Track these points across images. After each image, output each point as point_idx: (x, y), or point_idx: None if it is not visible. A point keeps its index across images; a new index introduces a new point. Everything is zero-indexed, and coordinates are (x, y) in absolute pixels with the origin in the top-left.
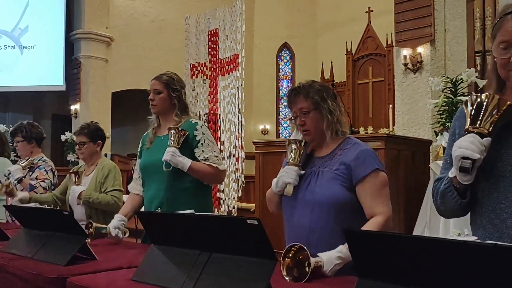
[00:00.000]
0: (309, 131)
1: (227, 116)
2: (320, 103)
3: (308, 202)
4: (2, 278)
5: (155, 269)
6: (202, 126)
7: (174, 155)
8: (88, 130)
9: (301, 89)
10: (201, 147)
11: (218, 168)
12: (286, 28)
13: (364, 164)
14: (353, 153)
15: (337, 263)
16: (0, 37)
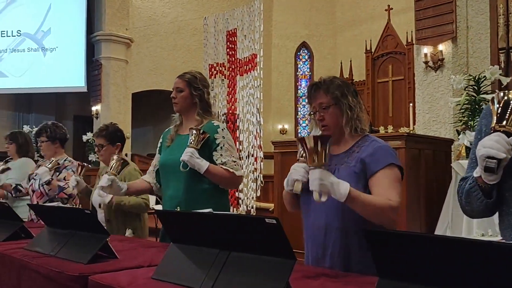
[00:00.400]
0: (328, 127)
1: (245, 116)
2: (340, 99)
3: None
4: (26, 275)
5: (175, 267)
6: (223, 130)
7: (192, 156)
8: (107, 132)
9: (321, 84)
10: (220, 151)
11: (235, 173)
12: (305, 27)
13: (380, 159)
14: (370, 149)
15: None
16: (24, 39)
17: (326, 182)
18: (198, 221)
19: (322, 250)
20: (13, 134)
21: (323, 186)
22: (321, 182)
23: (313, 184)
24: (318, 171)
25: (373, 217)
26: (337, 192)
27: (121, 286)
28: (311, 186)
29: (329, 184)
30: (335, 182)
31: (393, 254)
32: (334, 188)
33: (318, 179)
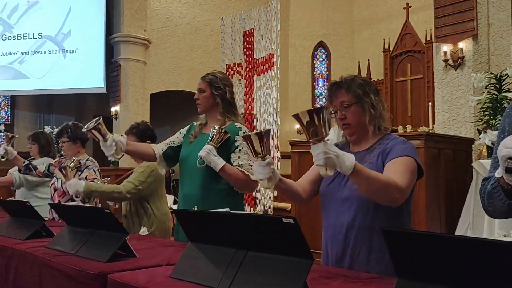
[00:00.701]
0: (350, 125)
1: (262, 116)
2: (362, 97)
3: (346, 199)
4: (47, 273)
5: (193, 266)
6: (244, 133)
7: (209, 153)
8: (137, 130)
9: (342, 83)
10: (238, 153)
11: (250, 177)
12: (322, 26)
13: (397, 151)
14: (391, 143)
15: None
16: (45, 42)
17: (331, 154)
18: (216, 220)
19: (342, 250)
20: (35, 134)
21: (329, 159)
22: (326, 156)
23: (317, 158)
24: (321, 145)
25: (377, 194)
26: (342, 165)
27: (139, 284)
28: (316, 161)
29: (334, 156)
30: (340, 153)
31: (412, 254)
32: (340, 160)
33: (322, 153)
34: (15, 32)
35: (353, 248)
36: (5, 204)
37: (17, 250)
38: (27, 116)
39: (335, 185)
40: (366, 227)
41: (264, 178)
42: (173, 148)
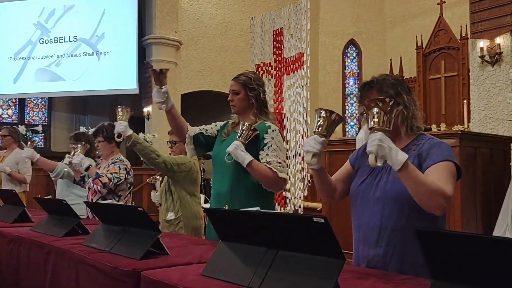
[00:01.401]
0: None
1: (292, 115)
2: (395, 97)
3: (379, 199)
4: (83, 269)
5: (224, 265)
6: (274, 131)
7: (237, 148)
8: None
9: (374, 83)
10: (266, 150)
11: (278, 174)
12: (353, 24)
13: (436, 154)
14: (427, 145)
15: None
16: (80, 44)
17: (385, 145)
18: (246, 219)
19: (374, 250)
20: (77, 135)
21: (381, 148)
22: (380, 144)
23: (371, 144)
24: (380, 134)
25: (423, 197)
26: (393, 158)
27: (172, 282)
28: (369, 146)
29: (387, 148)
30: (394, 147)
31: (446, 255)
32: (392, 153)
33: (378, 140)
34: (52, 35)
35: (386, 249)
36: (43, 203)
37: (55, 247)
38: (63, 117)
39: (367, 185)
40: (400, 228)
41: (311, 152)
42: (203, 135)
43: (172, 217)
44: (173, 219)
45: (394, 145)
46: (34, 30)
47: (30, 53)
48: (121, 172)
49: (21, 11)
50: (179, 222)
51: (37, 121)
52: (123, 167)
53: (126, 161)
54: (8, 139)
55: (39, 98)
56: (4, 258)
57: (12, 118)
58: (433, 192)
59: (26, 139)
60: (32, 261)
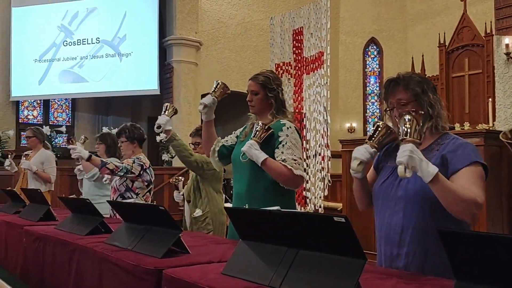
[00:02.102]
0: None
1: (312, 115)
2: (420, 95)
3: (400, 198)
4: (106, 267)
5: (244, 264)
6: (288, 128)
7: (251, 147)
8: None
9: (400, 80)
10: (281, 148)
11: (293, 171)
12: (373, 22)
13: (463, 156)
14: (452, 146)
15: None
16: (102, 46)
17: (416, 156)
18: (267, 218)
19: (397, 250)
20: (103, 135)
21: (412, 159)
22: (411, 155)
23: (402, 155)
24: (411, 145)
25: (455, 207)
26: (424, 170)
27: (193, 280)
28: (399, 157)
29: (418, 159)
30: (424, 159)
31: (470, 255)
32: (423, 165)
33: (409, 151)
34: (75, 38)
35: (408, 249)
36: (67, 202)
37: (79, 245)
38: (86, 118)
39: (389, 184)
40: (422, 228)
41: (360, 159)
42: (225, 147)
43: (199, 214)
44: (200, 215)
45: (424, 158)
46: (58, 32)
47: (54, 55)
48: (134, 166)
49: (45, 14)
50: (205, 218)
51: (61, 121)
52: (139, 162)
53: (145, 159)
54: (33, 140)
55: (63, 99)
56: (31, 255)
57: (37, 119)
58: (464, 202)
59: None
60: (57, 259)
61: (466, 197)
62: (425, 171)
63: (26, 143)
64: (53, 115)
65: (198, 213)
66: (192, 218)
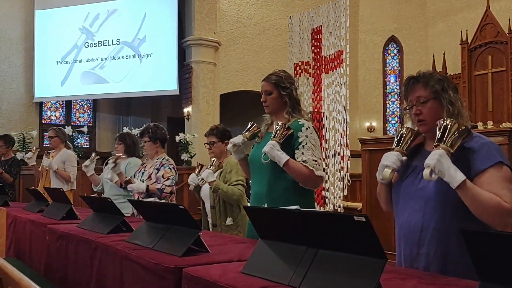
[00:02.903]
0: (425, 121)
1: (331, 114)
2: (440, 93)
3: (420, 198)
4: (127, 265)
5: (263, 263)
6: (307, 129)
7: (273, 148)
8: (217, 130)
9: (420, 77)
10: (301, 149)
11: (314, 172)
12: (393, 20)
13: (486, 157)
14: (473, 145)
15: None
16: (123, 47)
17: (444, 162)
18: (286, 217)
19: (416, 249)
20: (122, 135)
21: (440, 164)
22: (440, 159)
23: (430, 158)
24: (442, 151)
25: (484, 215)
26: (452, 176)
27: (213, 279)
28: (428, 159)
29: (446, 165)
30: (452, 166)
31: (494, 256)
32: (451, 171)
33: (439, 155)
34: (96, 39)
35: (428, 248)
36: (89, 201)
37: (101, 243)
38: (107, 118)
39: (409, 183)
40: (442, 228)
41: (392, 167)
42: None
43: (231, 222)
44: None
45: (453, 166)
46: (80, 34)
47: (76, 57)
48: (173, 172)
49: (67, 17)
50: (237, 227)
51: (83, 122)
52: (171, 166)
53: (171, 159)
54: (55, 139)
55: (85, 100)
56: (54, 253)
57: (60, 120)
58: (493, 208)
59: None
60: (79, 257)
61: (495, 204)
62: (452, 177)
63: (49, 143)
64: (75, 116)
65: (229, 222)
66: (223, 225)
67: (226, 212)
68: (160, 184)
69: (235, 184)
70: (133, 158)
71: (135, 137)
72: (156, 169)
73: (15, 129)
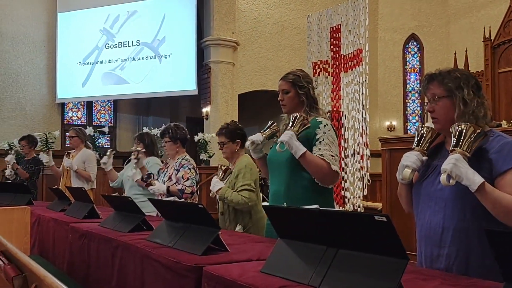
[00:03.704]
0: (437, 119)
1: (350, 113)
2: (453, 91)
3: (440, 198)
4: (148, 263)
5: (283, 262)
6: (325, 126)
7: (292, 138)
8: (227, 130)
9: (436, 75)
10: (318, 145)
11: (331, 166)
12: (413, 18)
13: (509, 157)
14: (495, 145)
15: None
16: (142, 48)
17: (461, 165)
18: (306, 217)
19: (437, 250)
20: (141, 135)
21: (457, 168)
22: (456, 163)
23: (447, 162)
24: (458, 155)
25: (506, 219)
26: (470, 179)
27: (232, 277)
28: (444, 164)
29: (463, 168)
30: (470, 169)
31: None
32: (469, 175)
33: (455, 160)
34: (116, 40)
35: (449, 249)
36: (110, 200)
37: (122, 241)
38: (128, 118)
39: (429, 183)
40: (464, 228)
41: (412, 167)
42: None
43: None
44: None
45: (471, 169)
46: (100, 36)
47: (97, 58)
48: (193, 172)
49: (88, 18)
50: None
51: (104, 122)
52: (191, 166)
53: (191, 159)
54: (76, 139)
55: (106, 101)
56: (76, 251)
57: (81, 120)
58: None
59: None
60: (101, 255)
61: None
62: (471, 180)
63: (69, 142)
64: (96, 116)
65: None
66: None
67: (236, 219)
68: (181, 185)
69: (240, 190)
70: (152, 157)
71: (154, 137)
72: (176, 170)
73: (38, 129)
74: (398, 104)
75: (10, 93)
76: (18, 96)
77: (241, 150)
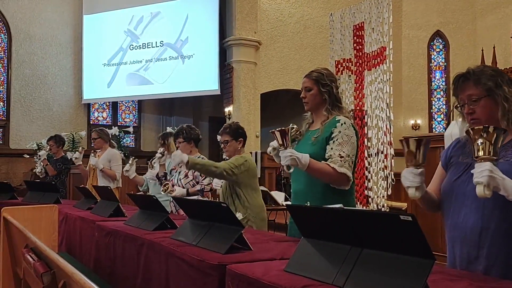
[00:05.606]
0: (479, 120)
1: (374, 112)
2: (494, 90)
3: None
4: (172, 261)
5: (307, 261)
6: (342, 124)
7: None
8: (230, 129)
9: (470, 75)
10: (331, 144)
11: (336, 169)
12: (439, 15)
13: None
14: None
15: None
16: (166, 49)
17: (497, 175)
18: (329, 216)
19: (475, 251)
20: (165, 135)
21: (493, 179)
22: (491, 174)
23: (480, 175)
24: (489, 164)
25: None
26: (509, 188)
27: (256, 276)
28: (477, 177)
29: (499, 178)
30: (506, 177)
31: None
32: (506, 184)
33: (488, 171)
34: (140, 42)
35: (488, 251)
36: (135, 198)
37: (147, 240)
38: (151, 118)
39: (463, 182)
40: (504, 229)
41: (413, 186)
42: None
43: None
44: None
45: (505, 176)
46: (125, 37)
47: (121, 59)
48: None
49: (113, 20)
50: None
51: (129, 122)
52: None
53: (205, 158)
54: (99, 140)
55: (130, 101)
56: (102, 249)
57: (107, 120)
58: None
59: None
60: (126, 253)
61: None
62: (509, 189)
63: (93, 144)
64: (121, 116)
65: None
66: None
67: (234, 207)
68: (199, 184)
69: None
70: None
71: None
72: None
73: (65, 129)
74: (423, 102)
75: (38, 95)
76: (46, 97)
77: (242, 148)
